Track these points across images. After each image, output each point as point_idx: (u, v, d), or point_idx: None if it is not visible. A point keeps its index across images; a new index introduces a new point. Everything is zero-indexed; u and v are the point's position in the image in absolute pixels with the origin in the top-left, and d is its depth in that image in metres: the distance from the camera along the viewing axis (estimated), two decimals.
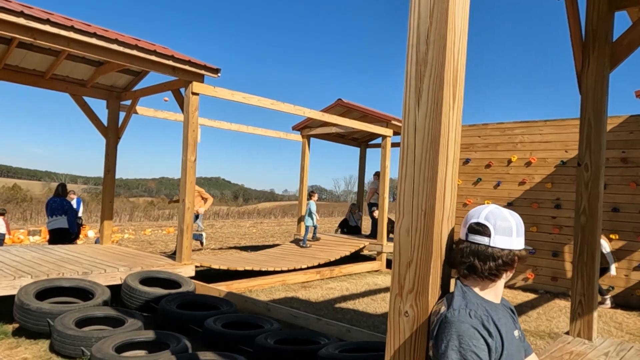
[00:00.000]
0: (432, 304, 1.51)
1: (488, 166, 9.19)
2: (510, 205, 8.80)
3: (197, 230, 12.28)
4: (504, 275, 1.46)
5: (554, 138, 8.50)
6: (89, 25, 5.88)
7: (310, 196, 11.07)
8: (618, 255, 7.62)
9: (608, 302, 7.33)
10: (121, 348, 3.89)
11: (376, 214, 10.95)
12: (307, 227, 10.71)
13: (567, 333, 3.39)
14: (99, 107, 15.07)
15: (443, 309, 1.41)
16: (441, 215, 1.54)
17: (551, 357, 2.82)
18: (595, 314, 3.29)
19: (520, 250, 1.45)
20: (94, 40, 5.40)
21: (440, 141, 1.52)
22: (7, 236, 10.75)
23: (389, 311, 1.61)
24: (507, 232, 1.43)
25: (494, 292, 1.48)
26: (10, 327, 4.84)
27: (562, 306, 7.20)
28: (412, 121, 1.58)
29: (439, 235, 1.53)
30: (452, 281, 1.57)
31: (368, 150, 13.82)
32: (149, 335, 4.13)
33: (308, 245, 10.55)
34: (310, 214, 10.71)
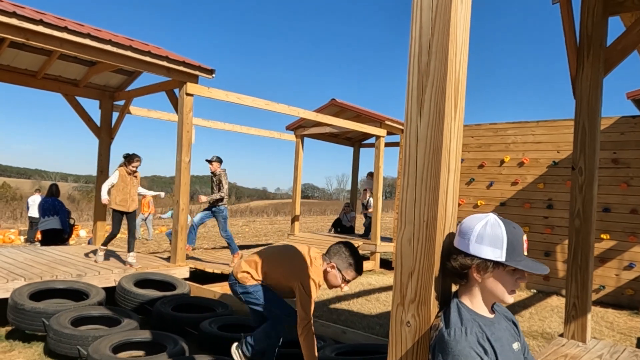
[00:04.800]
0: (434, 314, 1.52)
1: (481, 166, 9.25)
2: (503, 206, 8.87)
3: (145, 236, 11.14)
4: (476, 283, 1.46)
5: (546, 139, 8.57)
6: (82, 26, 5.83)
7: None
8: (609, 255, 7.71)
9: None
10: (118, 348, 3.88)
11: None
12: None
13: (562, 335, 3.43)
14: (92, 107, 14.96)
15: (441, 325, 1.43)
16: (443, 224, 1.55)
17: None
18: (589, 316, 3.33)
19: (480, 259, 1.42)
20: (87, 41, 5.35)
21: (442, 151, 1.53)
22: None
23: (391, 321, 1.62)
24: (466, 236, 1.47)
25: (481, 305, 1.48)
26: (3, 331, 4.80)
27: (554, 305, 7.27)
28: (414, 131, 1.59)
29: (441, 245, 1.54)
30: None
31: (362, 149, 13.84)
32: (146, 335, 4.11)
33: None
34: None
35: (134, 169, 6.51)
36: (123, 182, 6.42)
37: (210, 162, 7.51)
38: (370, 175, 11.56)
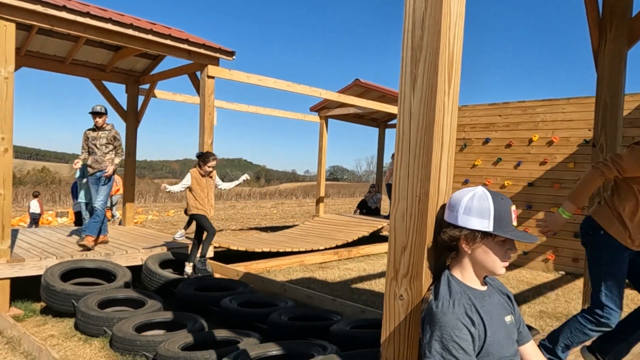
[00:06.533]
0: (426, 287, 1.54)
1: (509, 146, 9.04)
2: (530, 186, 8.67)
3: (113, 219, 9.62)
4: (466, 254, 1.48)
5: (577, 116, 8.29)
6: (105, 11, 5.94)
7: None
8: None
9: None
10: (141, 328, 4.05)
11: None
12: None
13: None
14: (119, 91, 15.27)
15: (430, 297, 1.45)
16: (435, 200, 1.55)
17: None
18: None
19: (468, 230, 1.43)
20: (109, 26, 5.46)
21: (434, 127, 1.52)
22: (41, 216, 11.20)
23: (385, 294, 1.64)
24: (454, 208, 1.48)
25: (472, 277, 1.49)
26: (38, 306, 5.06)
27: (582, 288, 7.12)
28: (408, 107, 1.58)
29: (433, 220, 1.54)
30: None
31: (387, 130, 13.71)
32: (167, 316, 4.28)
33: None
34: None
35: (210, 169, 5.77)
36: (198, 186, 5.69)
37: (100, 114, 6.00)
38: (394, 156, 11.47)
